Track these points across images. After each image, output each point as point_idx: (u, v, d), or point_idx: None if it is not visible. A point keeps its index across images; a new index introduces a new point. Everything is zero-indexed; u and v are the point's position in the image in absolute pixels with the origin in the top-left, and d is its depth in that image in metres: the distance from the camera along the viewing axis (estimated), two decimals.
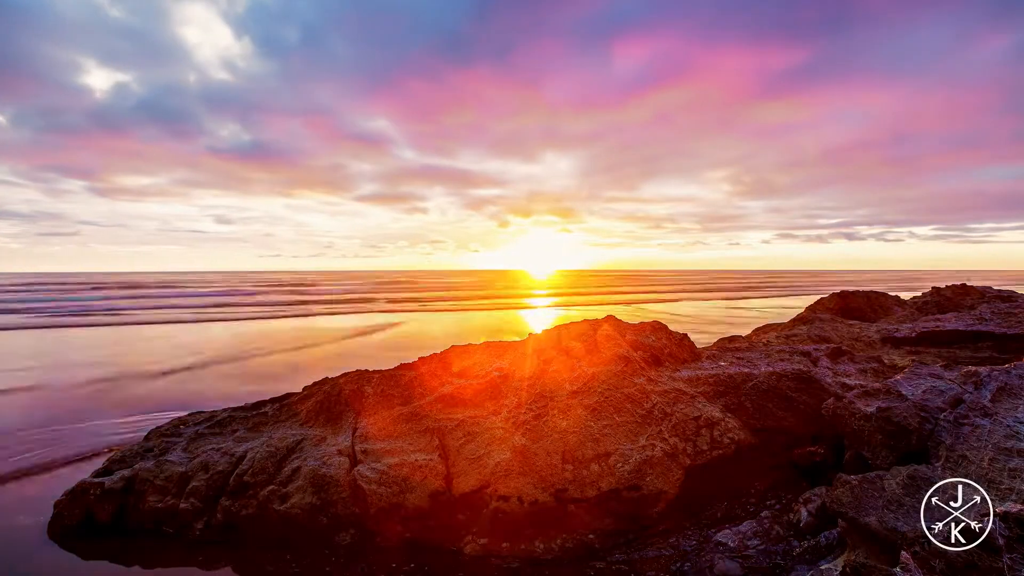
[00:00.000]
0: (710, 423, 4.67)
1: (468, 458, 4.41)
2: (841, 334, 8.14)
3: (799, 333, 8.37)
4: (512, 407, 4.99)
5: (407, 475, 4.25)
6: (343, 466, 4.36)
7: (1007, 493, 2.93)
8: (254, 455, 4.60)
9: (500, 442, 4.50)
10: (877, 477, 3.29)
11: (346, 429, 5.03)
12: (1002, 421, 3.70)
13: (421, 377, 5.81)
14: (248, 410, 5.78)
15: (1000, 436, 3.49)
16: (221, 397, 8.44)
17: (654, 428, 4.61)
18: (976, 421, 3.74)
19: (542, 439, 4.46)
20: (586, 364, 5.52)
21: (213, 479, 4.46)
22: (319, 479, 4.23)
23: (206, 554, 4.04)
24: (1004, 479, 3.08)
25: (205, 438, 5.17)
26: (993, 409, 3.89)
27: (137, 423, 7.13)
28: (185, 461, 4.71)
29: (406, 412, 5.16)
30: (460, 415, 5.01)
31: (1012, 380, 4.43)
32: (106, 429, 6.97)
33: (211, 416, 5.66)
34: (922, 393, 4.27)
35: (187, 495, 4.37)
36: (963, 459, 3.35)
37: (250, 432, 5.24)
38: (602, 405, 4.83)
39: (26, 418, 7.42)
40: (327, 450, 4.60)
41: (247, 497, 4.29)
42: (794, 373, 5.32)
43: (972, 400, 4.03)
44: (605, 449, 4.35)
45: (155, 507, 4.34)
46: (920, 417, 3.82)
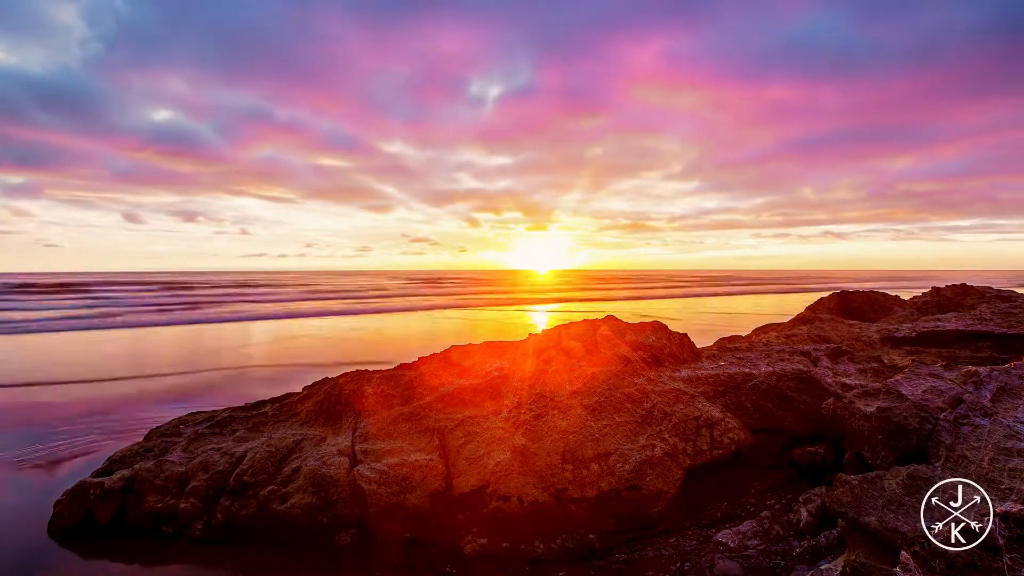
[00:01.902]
0: (710, 423, 4.67)
1: (468, 458, 4.41)
2: (841, 334, 8.14)
3: (799, 333, 8.37)
4: (512, 407, 4.99)
5: (407, 475, 4.25)
6: (343, 466, 4.36)
7: (1007, 493, 2.93)
8: (254, 455, 4.60)
9: (500, 442, 4.50)
10: (877, 477, 3.29)
11: (346, 429, 5.03)
12: (1002, 421, 3.70)
13: (421, 377, 5.81)
14: (248, 410, 5.78)
15: (1000, 436, 3.49)
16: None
17: (654, 428, 4.61)
18: (976, 421, 3.74)
19: (542, 439, 4.46)
20: (586, 364, 5.52)
21: (213, 479, 4.46)
22: (319, 479, 4.23)
23: (206, 554, 4.04)
24: (1004, 479, 3.08)
25: (205, 438, 5.17)
26: (993, 409, 3.89)
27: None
28: (185, 461, 4.71)
29: (406, 412, 5.16)
30: (460, 415, 5.01)
31: (1012, 380, 4.43)
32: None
33: (211, 416, 5.66)
34: (922, 393, 4.27)
35: (187, 495, 4.37)
36: (963, 459, 3.35)
37: (250, 432, 5.23)
38: (602, 405, 4.83)
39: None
40: (327, 450, 4.60)
41: (247, 497, 4.29)
42: (794, 373, 5.32)
43: (972, 400, 4.03)
44: (605, 449, 4.35)
45: (155, 507, 4.34)
46: (920, 417, 3.82)
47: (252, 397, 6.60)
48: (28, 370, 11.01)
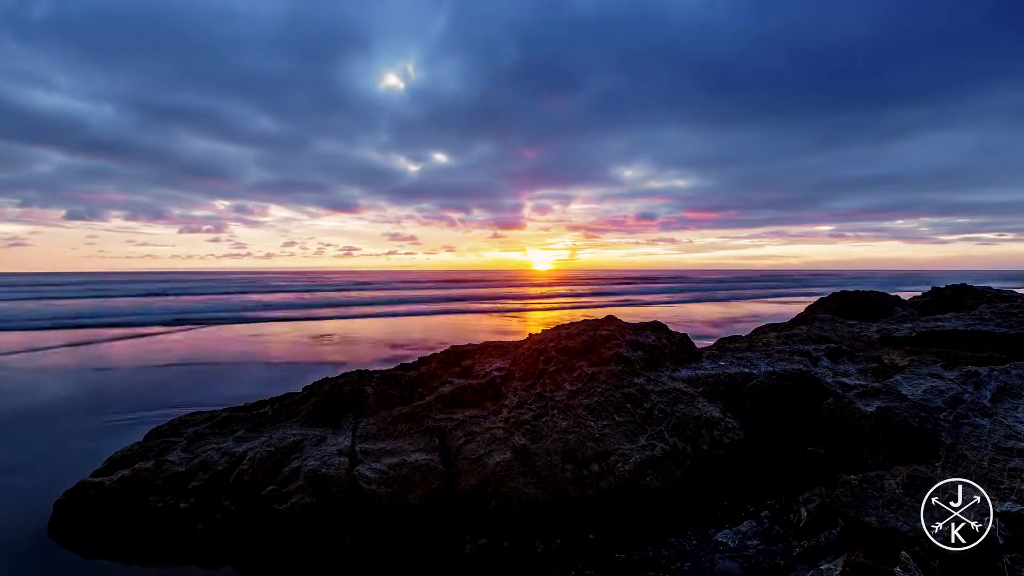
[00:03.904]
0: (710, 423, 4.67)
1: (468, 458, 4.41)
2: (841, 334, 8.14)
3: (799, 333, 8.38)
4: (512, 407, 5.00)
5: (407, 475, 4.25)
6: (343, 466, 4.36)
7: (1007, 493, 2.94)
8: (254, 455, 4.60)
9: (500, 442, 4.50)
10: (877, 477, 3.29)
11: (346, 429, 5.03)
12: (1002, 421, 3.70)
13: (421, 377, 5.81)
14: (248, 410, 5.78)
15: (1000, 436, 3.50)
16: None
17: (654, 428, 4.61)
18: (976, 421, 3.74)
19: (542, 439, 4.46)
20: (586, 364, 5.52)
21: (213, 479, 4.46)
22: (319, 479, 4.23)
23: (206, 554, 4.04)
24: (1004, 479, 3.08)
25: (205, 438, 5.16)
26: (993, 409, 3.89)
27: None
28: (185, 461, 4.70)
29: (406, 412, 5.16)
30: (460, 415, 5.01)
31: (1012, 380, 4.43)
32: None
33: (211, 416, 5.66)
34: (922, 393, 4.27)
35: (187, 495, 4.37)
36: (963, 459, 3.35)
37: (250, 432, 5.23)
38: (602, 405, 4.83)
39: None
40: (327, 450, 4.60)
41: (247, 497, 4.29)
42: (794, 373, 5.32)
43: (972, 400, 4.03)
44: (605, 449, 4.35)
45: (155, 507, 4.34)
46: (920, 417, 3.82)
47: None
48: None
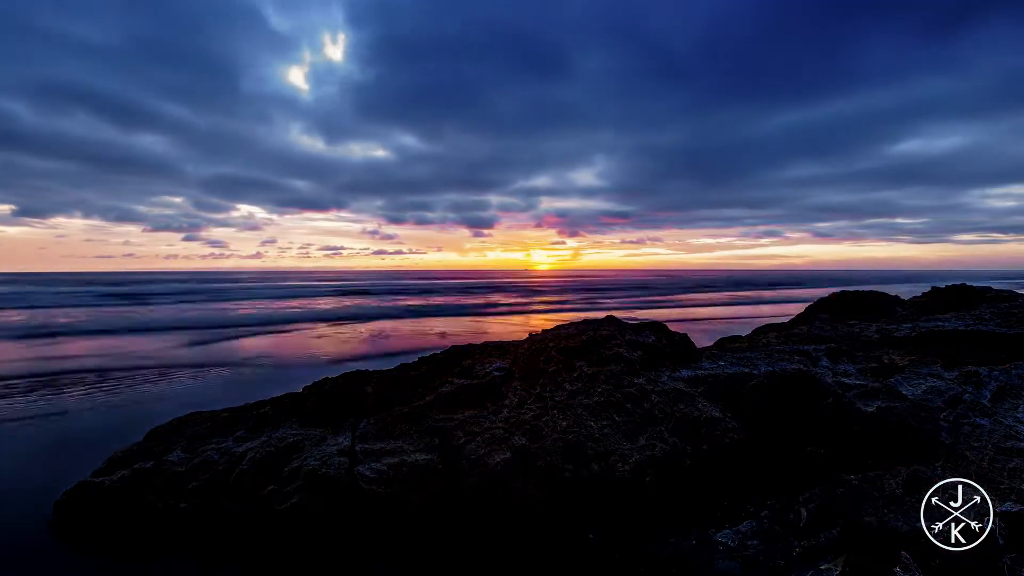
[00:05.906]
0: (710, 423, 4.67)
1: (468, 458, 4.42)
2: (841, 334, 8.14)
3: (799, 333, 8.37)
4: (512, 407, 5.00)
5: (407, 475, 4.25)
6: (343, 466, 4.36)
7: (1007, 493, 2.94)
8: (254, 455, 4.60)
9: (500, 442, 4.50)
10: (877, 477, 3.29)
11: (346, 429, 5.03)
12: (1002, 421, 3.70)
13: (421, 377, 5.81)
14: (248, 410, 5.78)
15: (1000, 436, 3.50)
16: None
17: (654, 428, 4.61)
18: (976, 421, 3.74)
19: (542, 439, 4.46)
20: (586, 364, 5.52)
21: (213, 479, 4.46)
22: (319, 479, 4.23)
23: (206, 554, 4.04)
24: (1004, 479, 3.08)
25: (205, 438, 5.16)
26: (993, 409, 3.89)
27: None
28: (185, 461, 4.70)
29: (406, 412, 5.16)
30: (460, 415, 5.01)
31: (1012, 380, 4.43)
32: None
33: (211, 416, 5.66)
34: (922, 393, 4.27)
35: (187, 495, 4.37)
36: (963, 459, 3.35)
37: (250, 432, 5.23)
38: (602, 405, 4.83)
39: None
40: (327, 450, 4.60)
41: (247, 497, 4.29)
42: (794, 373, 5.32)
43: (972, 400, 4.04)
44: (605, 449, 4.35)
45: (155, 507, 4.34)
46: (920, 417, 3.82)
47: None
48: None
